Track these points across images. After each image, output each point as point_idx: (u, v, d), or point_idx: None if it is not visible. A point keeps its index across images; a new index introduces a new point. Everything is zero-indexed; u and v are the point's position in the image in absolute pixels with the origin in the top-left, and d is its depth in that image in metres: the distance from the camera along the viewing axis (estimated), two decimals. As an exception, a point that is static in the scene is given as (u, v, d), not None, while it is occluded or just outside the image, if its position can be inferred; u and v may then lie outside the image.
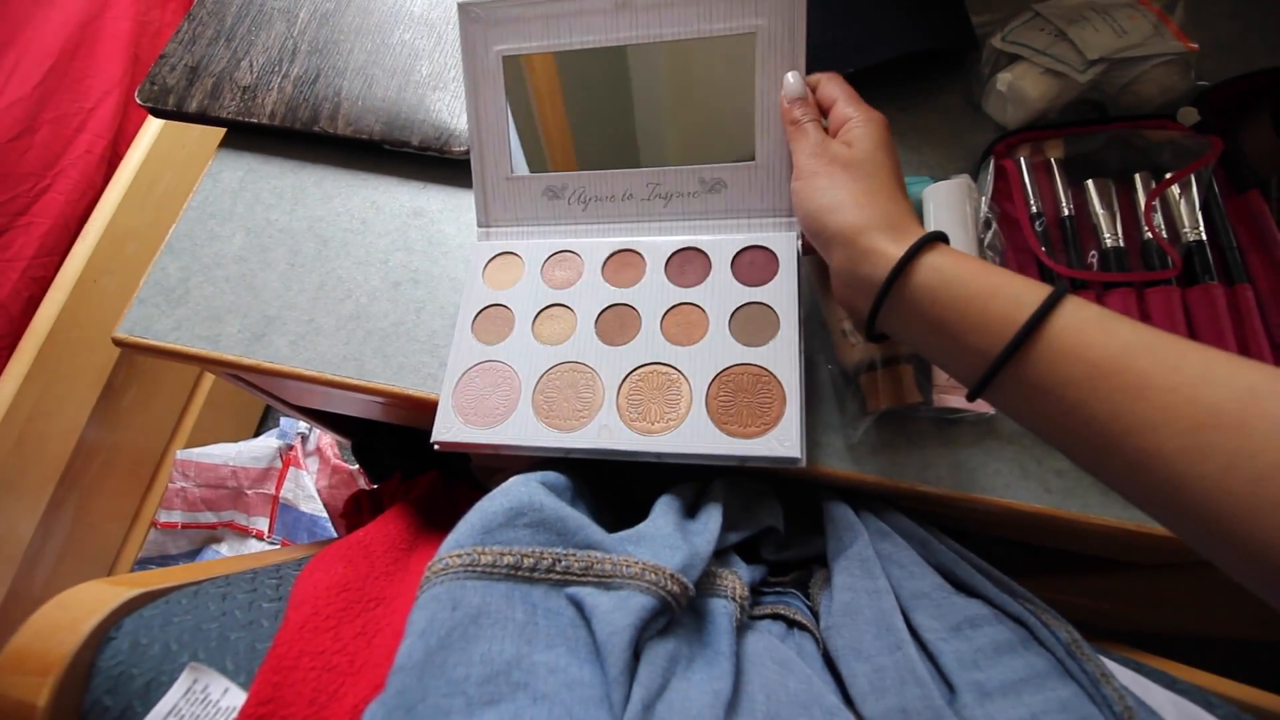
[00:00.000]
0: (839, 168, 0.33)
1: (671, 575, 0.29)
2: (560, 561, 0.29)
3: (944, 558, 0.37)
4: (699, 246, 0.42)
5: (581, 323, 0.40)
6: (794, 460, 0.35)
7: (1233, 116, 0.51)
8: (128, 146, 0.92)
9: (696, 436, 0.36)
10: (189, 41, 0.51)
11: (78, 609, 0.28)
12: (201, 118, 0.49)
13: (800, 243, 0.41)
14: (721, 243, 0.41)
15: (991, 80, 0.50)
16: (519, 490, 0.32)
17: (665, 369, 0.38)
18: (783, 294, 0.39)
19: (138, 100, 0.49)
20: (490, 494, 0.32)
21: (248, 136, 0.51)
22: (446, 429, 0.38)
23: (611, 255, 0.43)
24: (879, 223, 0.31)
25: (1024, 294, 0.27)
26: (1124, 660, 0.37)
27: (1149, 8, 0.51)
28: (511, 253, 0.44)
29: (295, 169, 0.50)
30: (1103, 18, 0.50)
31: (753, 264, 0.41)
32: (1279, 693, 0.40)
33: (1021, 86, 0.49)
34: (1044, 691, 0.29)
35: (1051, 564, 0.67)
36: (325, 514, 1.07)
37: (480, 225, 0.45)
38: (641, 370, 0.38)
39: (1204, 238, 0.44)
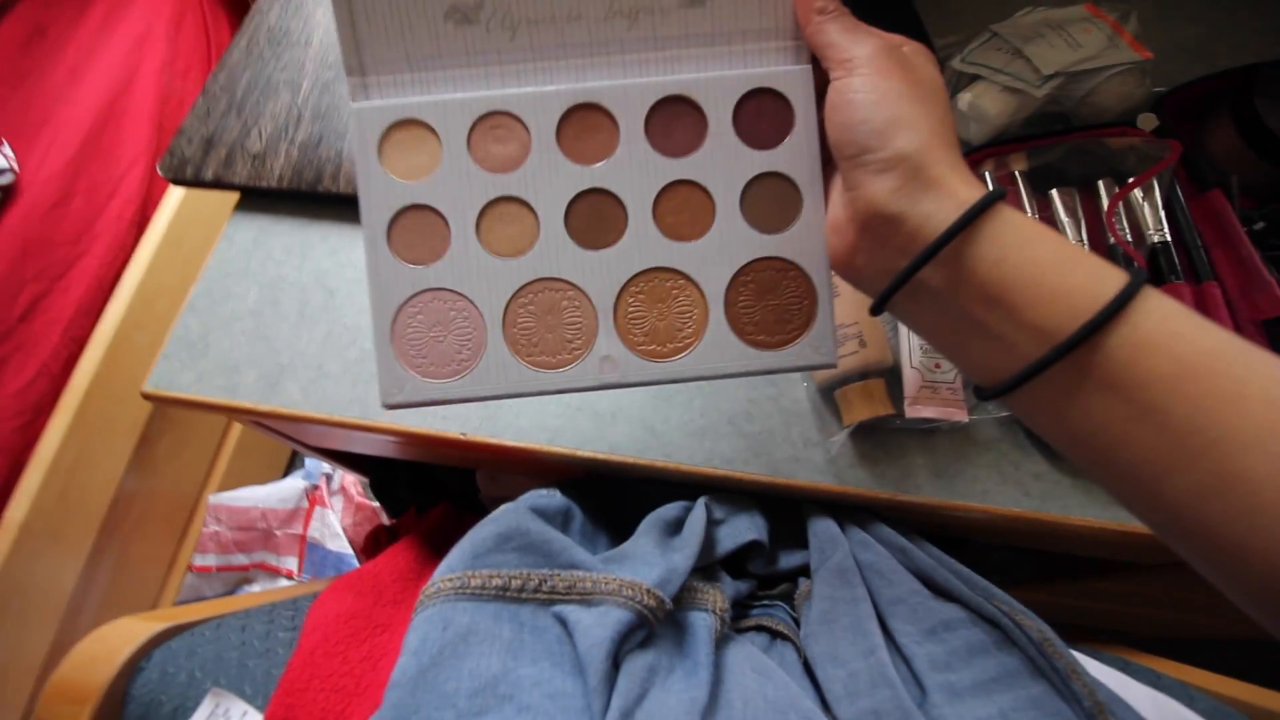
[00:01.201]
0: (911, 80, 0.26)
1: (648, 590, 0.31)
2: (546, 582, 0.32)
3: (924, 564, 0.38)
4: (687, 93, 0.30)
5: (546, 222, 0.30)
6: (830, 365, 0.31)
7: (1195, 118, 0.52)
8: (155, 210, 0.98)
9: (720, 353, 0.30)
10: (204, 115, 0.56)
11: (113, 642, 0.31)
12: (217, 184, 0.54)
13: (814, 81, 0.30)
14: (716, 84, 0.30)
15: (954, 101, 0.53)
16: (508, 517, 0.34)
17: (670, 275, 0.31)
18: (802, 155, 0.30)
19: (159, 172, 0.54)
20: (482, 521, 0.35)
21: (259, 199, 0.55)
22: (397, 388, 0.30)
23: (567, 114, 0.30)
24: (950, 157, 0.25)
25: (1105, 270, 0.23)
26: (1110, 659, 0.38)
27: (1103, 19, 0.53)
28: (416, 120, 0.30)
29: (303, 227, 0.54)
30: (1057, 33, 0.52)
31: (761, 115, 0.31)
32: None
33: (981, 105, 0.51)
34: (1014, 690, 0.30)
35: (1062, 569, 0.67)
36: (351, 551, 1.10)
37: (351, 72, 0.30)
38: (640, 280, 0.31)
39: (1169, 238, 0.45)
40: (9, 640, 0.79)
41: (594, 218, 0.31)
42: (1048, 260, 0.23)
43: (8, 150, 0.87)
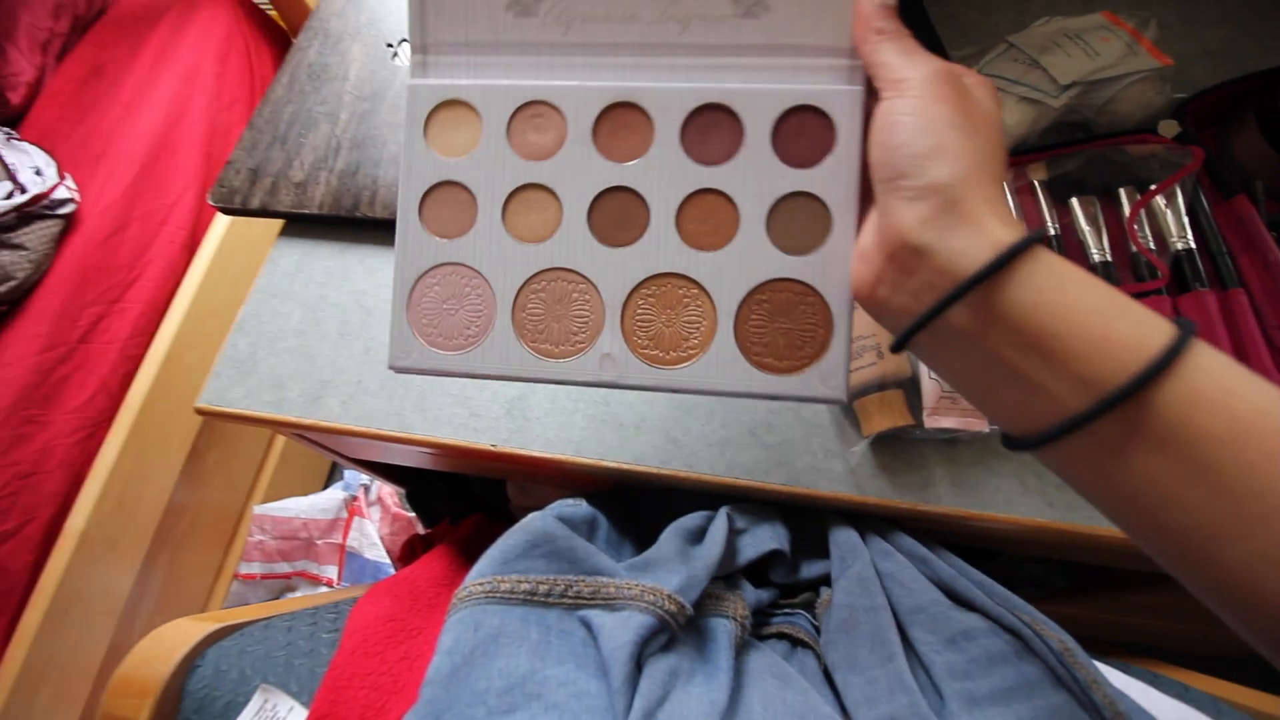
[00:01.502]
0: (962, 109, 0.25)
1: (669, 596, 0.32)
2: (571, 587, 0.33)
3: (945, 574, 0.38)
4: (728, 103, 0.30)
5: (569, 213, 0.31)
6: (838, 401, 0.29)
7: (1219, 123, 0.52)
8: (204, 234, 1.03)
9: (722, 369, 0.29)
10: (250, 147, 0.59)
11: (170, 641, 0.34)
12: (262, 212, 0.57)
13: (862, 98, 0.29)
14: (760, 96, 0.30)
15: (971, 112, 0.53)
16: (535, 524, 0.36)
17: (683, 283, 0.30)
18: (840, 180, 0.29)
19: (209, 202, 0.57)
20: (511, 529, 0.36)
21: (302, 225, 0.58)
22: (405, 353, 0.32)
23: (605, 111, 0.31)
24: (991, 194, 0.24)
25: (1151, 319, 0.22)
26: (1140, 672, 0.38)
27: (1122, 27, 0.53)
28: (463, 102, 0.32)
29: (343, 250, 0.57)
30: (1074, 42, 0.52)
31: (801, 133, 0.30)
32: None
33: (999, 116, 0.51)
34: (1034, 699, 0.30)
35: (1097, 582, 0.66)
36: (388, 560, 1.13)
37: (415, 50, 0.32)
38: (653, 283, 0.30)
39: (1192, 245, 0.45)
40: (70, 642, 0.84)
41: (617, 215, 0.31)
42: (1089, 307, 0.22)
43: (70, 182, 0.93)
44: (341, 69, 0.62)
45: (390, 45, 0.63)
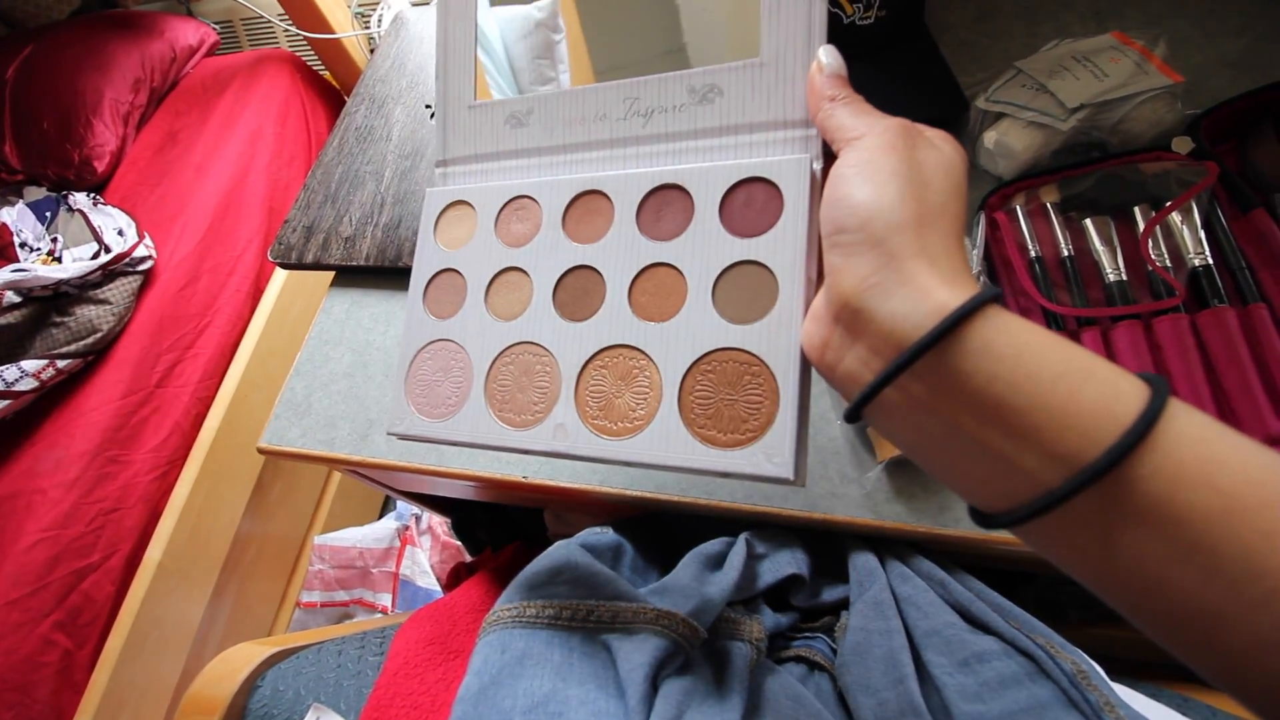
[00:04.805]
0: (913, 160, 0.24)
1: (683, 620, 0.33)
2: (593, 613, 0.35)
3: (962, 597, 0.39)
4: (679, 181, 0.32)
5: (538, 292, 0.33)
6: (784, 480, 0.27)
7: (1235, 137, 0.51)
8: (267, 282, 1.11)
9: (665, 442, 0.29)
10: (305, 206, 0.65)
11: (235, 663, 0.37)
12: (316, 266, 0.62)
13: (819, 167, 0.29)
14: (707, 174, 0.31)
15: (979, 139, 0.54)
16: (559, 553, 0.38)
17: (633, 353, 0.31)
18: (786, 247, 0.29)
19: (269, 258, 0.63)
20: (538, 557, 0.39)
21: (351, 276, 0.64)
22: (400, 420, 0.34)
23: (574, 200, 0.34)
24: (936, 247, 0.22)
25: (1120, 381, 0.20)
26: (1170, 695, 0.37)
27: (1132, 46, 0.53)
28: (465, 202, 0.36)
29: (388, 298, 0.62)
30: (1083, 65, 0.53)
31: (749, 204, 0.30)
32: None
33: (1007, 141, 0.52)
34: (1045, 720, 0.31)
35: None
36: (439, 587, 1.17)
37: (438, 165, 0.38)
38: (605, 355, 0.31)
39: (1210, 261, 0.45)
40: (149, 667, 0.90)
41: (578, 292, 0.33)
42: (1051, 374, 0.20)
43: (148, 240, 1.03)
44: (385, 130, 0.68)
45: (429, 106, 0.69)
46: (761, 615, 0.39)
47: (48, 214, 1.04)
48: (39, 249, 0.98)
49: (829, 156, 0.28)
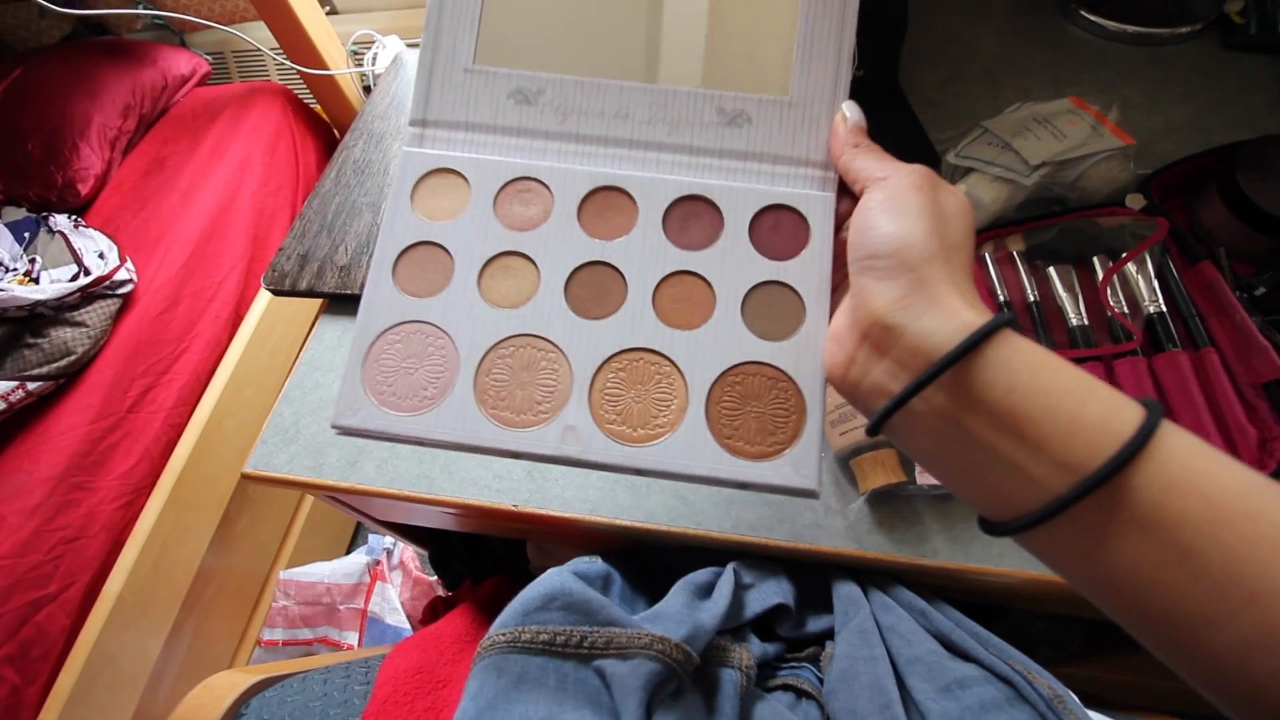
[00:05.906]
0: (933, 202, 0.26)
1: (676, 645, 0.34)
2: (586, 638, 0.35)
3: (942, 625, 0.40)
4: (709, 195, 0.32)
5: (547, 282, 0.32)
6: (810, 492, 0.29)
7: (1184, 194, 0.56)
8: (247, 309, 1.10)
9: (691, 451, 0.29)
10: (300, 234, 0.66)
11: (219, 690, 0.37)
12: (310, 293, 0.63)
13: (835, 209, 0.32)
14: (739, 194, 0.32)
15: (952, 191, 0.58)
16: (554, 579, 0.39)
17: (656, 359, 0.30)
18: (812, 274, 0.31)
19: (263, 285, 0.63)
20: (531, 583, 0.39)
21: (344, 303, 0.64)
22: (352, 410, 0.30)
23: (592, 193, 0.33)
24: (959, 279, 0.25)
25: (1119, 400, 0.22)
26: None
27: (1088, 110, 0.58)
28: (454, 171, 0.33)
29: (378, 324, 0.62)
30: (1044, 126, 0.57)
31: (777, 229, 0.32)
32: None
33: (976, 194, 0.56)
34: (1024, 742, 0.32)
35: (1112, 642, 0.65)
36: (408, 625, 1.14)
37: (413, 122, 0.34)
38: (625, 356, 0.30)
39: (1164, 309, 0.48)
40: (99, 707, 0.86)
41: (594, 288, 0.31)
42: (1061, 389, 0.22)
43: (130, 264, 1.02)
44: (382, 164, 0.69)
45: (424, 142, 0.71)
46: (749, 644, 0.40)
47: (26, 234, 1.02)
48: (15, 269, 0.97)
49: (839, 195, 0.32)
